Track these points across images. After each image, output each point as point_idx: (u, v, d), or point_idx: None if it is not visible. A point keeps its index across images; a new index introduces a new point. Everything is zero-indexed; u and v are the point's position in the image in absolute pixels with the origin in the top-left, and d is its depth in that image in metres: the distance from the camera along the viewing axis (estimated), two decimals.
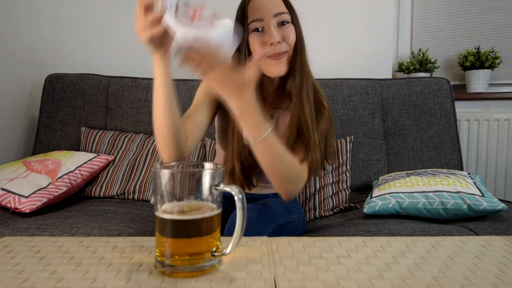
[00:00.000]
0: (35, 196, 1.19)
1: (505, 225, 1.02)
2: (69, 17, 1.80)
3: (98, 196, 1.46)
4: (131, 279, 0.45)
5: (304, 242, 0.60)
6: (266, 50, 0.83)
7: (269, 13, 0.83)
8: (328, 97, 1.64)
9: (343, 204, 1.37)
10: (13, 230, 1.03)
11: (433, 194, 1.09)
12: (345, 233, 1.01)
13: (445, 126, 1.58)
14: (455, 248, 0.57)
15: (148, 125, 1.67)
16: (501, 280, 0.46)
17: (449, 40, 2.09)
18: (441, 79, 1.64)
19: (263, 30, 0.84)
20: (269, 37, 0.82)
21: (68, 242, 0.59)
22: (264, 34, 0.84)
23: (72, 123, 1.66)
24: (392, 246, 0.58)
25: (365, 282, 0.45)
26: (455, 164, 1.55)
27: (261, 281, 0.45)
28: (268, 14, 0.83)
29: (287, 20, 0.85)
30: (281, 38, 0.83)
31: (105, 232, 1.02)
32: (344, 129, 1.62)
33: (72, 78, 1.69)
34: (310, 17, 2.01)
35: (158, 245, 0.48)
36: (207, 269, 0.47)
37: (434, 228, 0.99)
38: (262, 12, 0.83)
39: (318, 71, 1.92)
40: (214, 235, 0.48)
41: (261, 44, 0.83)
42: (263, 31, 0.84)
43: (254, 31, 0.85)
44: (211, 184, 0.47)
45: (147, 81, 1.72)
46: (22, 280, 0.45)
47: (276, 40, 0.82)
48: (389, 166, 1.60)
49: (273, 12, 0.83)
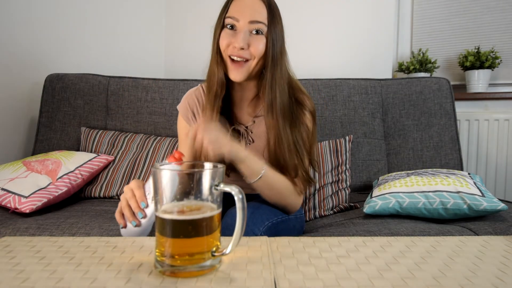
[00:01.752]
0: (35, 196, 1.19)
1: (505, 225, 1.02)
2: (69, 17, 1.80)
3: (98, 196, 1.46)
4: (131, 279, 0.45)
5: (304, 242, 0.60)
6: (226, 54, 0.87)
7: (247, 17, 0.84)
8: (328, 97, 1.64)
9: (343, 204, 1.37)
10: (13, 230, 1.03)
11: (433, 194, 1.09)
12: (345, 233, 1.01)
13: (445, 126, 1.58)
14: (455, 248, 0.57)
15: (148, 125, 1.68)
16: (501, 280, 0.46)
17: (449, 40, 2.09)
18: (441, 79, 1.64)
19: (235, 30, 0.86)
20: (235, 40, 0.84)
21: (68, 242, 0.59)
22: (234, 35, 0.85)
23: (72, 123, 1.66)
24: (392, 246, 0.58)
25: (365, 282, 0.45)
26: (455, 164, 1.55)
27: (261, 281, 0.45)
28: (245, 18, 0.84)
29: (261, 31, 0.85)
30: (246, 46, 0.84)
31: (105, 232, 1.03)
32: (344, 129, 1.62)
33: (72, 78, 1.69)
34: (310, 17, 2.01)
35: (158, 245, 0.48)
36: (207, 269, 0.47)
37: (434, 228, 0.99)
38: (241, 13, 0.84)
39: (318, 71, 1.94)
40: (214, 235, 0.48)
41: (227, 45, 0.86)
42: (235, 30, 0.86)
43: (227, 27, 0.86)
44: (211, 184, 0.47)
45: (147, 81, 1.72)
46: (22, 280, 0.45)
47: (239, 46, 0.83)
48: (389, 166, 1.60)
49: (250, 18, 0.84)
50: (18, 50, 1.60)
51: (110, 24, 2.01)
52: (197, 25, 2.16)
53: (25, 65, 1.65)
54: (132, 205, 0.71)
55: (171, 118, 1.67)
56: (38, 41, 1.68)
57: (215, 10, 0.92)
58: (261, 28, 0.85)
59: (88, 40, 1.91)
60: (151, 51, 2.21)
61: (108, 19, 2.00)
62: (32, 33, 1.65)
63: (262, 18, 0.85)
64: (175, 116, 1.67)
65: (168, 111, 1.68)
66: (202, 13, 2.11)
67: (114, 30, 2.03)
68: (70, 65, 1.83)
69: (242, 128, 0.96)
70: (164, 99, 1.69)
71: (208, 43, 0.92)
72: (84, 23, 1.88)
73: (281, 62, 0.89)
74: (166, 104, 1.68)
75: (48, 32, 1.71)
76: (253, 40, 0.85)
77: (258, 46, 0.85)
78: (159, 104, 1.69)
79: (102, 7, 1.96)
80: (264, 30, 0.85)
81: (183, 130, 1.00)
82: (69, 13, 1.80)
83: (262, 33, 0.85)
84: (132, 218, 0.72)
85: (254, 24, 0.84)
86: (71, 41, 1.82)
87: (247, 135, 0.96)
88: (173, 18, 2.22)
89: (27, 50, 1.64)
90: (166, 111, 1.68)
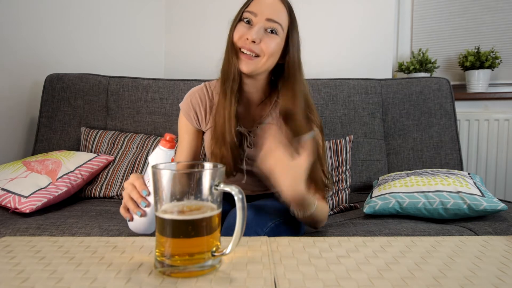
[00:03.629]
0: (35, 196, 1.19)
1: (505, 225, 1.02)
2: (69, 17, 1.80)
3: (98, 196, 1.46)
4: (131, 279, 0.45)
5: (304, 242, 0.60)
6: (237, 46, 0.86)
7: (265, 14, 0.84)
8: (328, 97, 1.64)
9: (343, 204, 1.37)
10: (13, 230, 1.03)
11: (433, 194, 1.09)
12: (345, 233, 1.01)
13: (445, 126, 1.58)
14: (455, 248, 0.57)
15: (148, 125, 1.67)
16: (501, 280, 0.46)
17: (449, 40, 2.09)
18: (441, 79, 1.64)
19: (251, 25, 0.86)
20: (249, 32, 0.84)
21: (68, 242, 0.59)
22: (248, 28, 0.85)
23: (72, 123, 1.66)
24: (392, 246, 0.58)
25: (365, 282, 0.45)
26: (455, 164, 1.55)
27: (261, 281, 0.45)
28: (263, 14, 0.84)
29: (277, 31, 0.85)
30: (258, 40, 0.84)
31: (105, 232, 1.02)
32: (344, 129, 1.62)
33: (72, 78, 1.69)
34: (310, 17, 2.01)
35: (158, 245, 0.48)
36: (207, 269, 0.47)
37: (434, 228, 0.99)
38: (260, 9, 0.84)
39: (318, 71, 1.94)
40: (214, 235, 0.48)
41: (240, 36, 0.85)
42: (251, 25, 0.86)
43: (243, 21, 0.86)
44: (211, 184, 0.47)
45: (147, 81, 1.72)
46: (22, 280, 0.45)
47: (251, 38, 0.83)
48: (389, 166, 1.60)
49: (269, 15, 0.84)
50: (18, 50, 1.60)
51: (110, 24, 2.01)
52: (197, 25, 2.16)
53: (25, 65, 1.65)
54: (134, 196, 0.71)
55: (171, 118, 1.67)
56: (38, 41, 1.68)
57: (215, 10, 0.92)
58: (277, 28, 0.85)
59: (88, 40, 1.91)
60: (151, 51, 2.21)
61: (108, 19, 2.00)
62: (32, 33, 1.65)
63: (280, 19, 0.85)
64: (175, 116, 1.67)
65: (168, 111, 1.68)
66: (202, 13, 2.11)
67: (114, 30, 2.03)
68: (70, 65, 1.83)
69: (246, 131, 0.95)
70: (164, 99, 1.69)
71: (208, 43, 0.92)
72: (84, 23, 1.88)
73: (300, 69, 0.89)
74: (166, 104, 1.68)
75: (48, 32, 1.71)
76: (266, 37, 0.85)
77: (270, 44, 0.84)
78: (159, 104, 1.69)
79: (102, 7, 1.96)
80: (280, 32, 0.85)
81: (183, 128, 1.00)
82: (69, 13, 1.80)
83: (276, 33, 0.85)
84: (136, 209, 0.71)
85: (270, 23, 0.84)
86: (71, 41, 1.82)
87: (249, 139, 0.95)
88: (173, 18, 2.22)
89: (27, 50, 1.64)
90: (166, 111, 1.68)
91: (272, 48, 0.85)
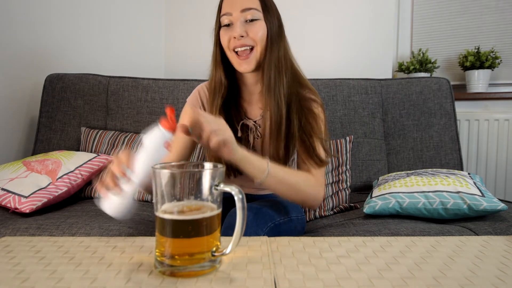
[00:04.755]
0: (35, 196, 1.19)
1: (505, 225, 1.02)
2: (69, 17, 1.80)
3: (98, 196, 1.45)
4: (131, 279, 0.45)
5: (304, 242, 0.60)
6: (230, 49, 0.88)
7: (238, 8, 0.86)
8: (328, 97, 1.64)
9: (343, 204, 1.37)
10: (13, 230, 1.03)
11: (433, 194, 1.09)
12: (345, 233, 1.01)
13: (445, 126, 1.58)
14: (455, 248, 0.57)
15: (148, 125, 1.67)
16: (501, 280, 0.46)
17: (449, 40, 2.09)
18: (441, 79, 1.64)
19: (232, 25, 0.88)
20: (233, 31, 0.87)
21: (68, 242, 0.59)
22: (231, 29, 0.88)
23: (72, 123, 1.66)
24: (392, 246, 0.58)
25: (365, 282, 0.45)
26: (455, 164, 1.55)
27: (261, 281, 0.45)
28: (236, 9, 0.86)
29: (256, 17, 0.87)
30: (244, 33, 0.86)
31: (105, 232, 1.02)
32: (344, 129, 1.62)
33: (72, 78, 1.69)
34: (310, 17, 2.01)
35: (158, 245, 0.48)
36: (207, 269, 0.47)
37: (434, 228, 0.99)
38: (232, 6, 0.87)
39: (318, 71, 1.94)
40: (214, 235, 0.48)
41: (228, 40, 0.88)
42: (231, 25, 0.88)
43: (224, 26, 0.89)
44: (211, 184, 0.47)
45: (147, 81, 1.72)
46: (22, 280, 0.45)
47: (237, 34, 0.85)
48: (389, 166, 1.60)
49: (241, 7, 0.86)
50: (18, 50, 1.60)
51: (110, 24, 2.01)
52: (197, 25, 2.16)
53: (25, 65, 1.65)
54: (116, 171, 0.63)
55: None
56: (38, 41, 1.68)
57: (215, 10, 0.92)
58: (255, 14, 0.87)
59: (89, 40, 1.91)
60: (151, 51, 2.21)
61: (108, 19, 2.00)
62: (32, 33, 1.65)
63: (254, 4, 0.87)
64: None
65: None
66: (202, 13, 2.11)
67: (114, 30, 2.03)
68: (70, 65, 1.83)
69: (251, 122, 0.96)
70: (164, 99, 1.69)
71: (208, 42, 0.92)
72: (84, 23, 1.88)
73: (278, 43, 0.90)
74: (166, 104, 1.68)
75: (48, 32, 1.71)
76: (250, 27, 0.87)
77: (257, 31, 0.87)
78: (159, 104, 1.69)
79: (103, 7, 1.96)
80: (258, 15, 0.87)
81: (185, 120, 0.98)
82: (69, 13, 1.80)
83: (257, 19, 0.87)
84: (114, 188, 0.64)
85: (246, 12, 0.86)
86: (71, 41, 1.82)
87: (256, 130, 0.96)
88: (173, 18, 2.22)
89: (27, 50, 1.64)
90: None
91: (260, 33, 0.87)
